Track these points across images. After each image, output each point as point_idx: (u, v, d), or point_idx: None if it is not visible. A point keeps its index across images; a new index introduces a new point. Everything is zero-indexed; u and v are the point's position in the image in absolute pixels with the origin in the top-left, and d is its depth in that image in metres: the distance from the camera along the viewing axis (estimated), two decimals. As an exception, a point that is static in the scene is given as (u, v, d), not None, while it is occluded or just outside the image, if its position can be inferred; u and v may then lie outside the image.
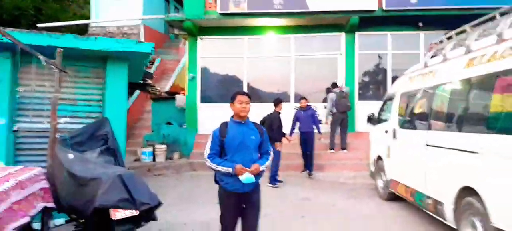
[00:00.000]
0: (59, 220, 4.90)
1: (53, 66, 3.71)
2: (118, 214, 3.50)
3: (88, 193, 3.65)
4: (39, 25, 14.00)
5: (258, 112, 7.67)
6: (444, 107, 4.81)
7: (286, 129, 8.28)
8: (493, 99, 3.78)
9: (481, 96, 4.05)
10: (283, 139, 8.16)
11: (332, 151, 9.69)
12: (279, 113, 8.03)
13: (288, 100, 10.88)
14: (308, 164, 8.80)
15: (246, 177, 3.26)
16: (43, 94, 5.56)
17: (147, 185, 4.01)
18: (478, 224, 3.86)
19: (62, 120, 3.87)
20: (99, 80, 6.30)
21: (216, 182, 3.54)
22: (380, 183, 7.02)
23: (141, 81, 9.48)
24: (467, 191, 4.05)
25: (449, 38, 5.33)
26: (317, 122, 8.78)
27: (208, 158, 3.41)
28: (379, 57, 11.01)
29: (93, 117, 6.05)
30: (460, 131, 4.30)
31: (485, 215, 3.71)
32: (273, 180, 7.89)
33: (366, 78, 11.27)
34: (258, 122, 3.70)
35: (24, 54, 4.71)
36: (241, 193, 3.36)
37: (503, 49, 3.77)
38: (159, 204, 3.88)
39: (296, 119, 8.69)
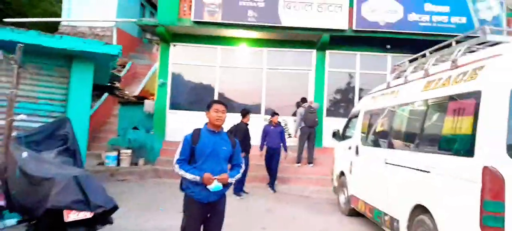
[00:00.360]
0: (11, 221, 4.71)
1: (12, 62, 3.61)
2: (71, 216, 3.42)
3: (41, 193, 3.54)
4: (5, 20, 13.53)
5: (228, 121, 7.55)
6: (402, 127, 5.01)
7: (253, 141, 8.30)
8: (445, 122, 3.98)
9: (435, 118, 4.24)
10: (254, 151, 8.12)
11: (298, 164, 9.81)
12: (247, 124, 8.04)
13: (258, 112, 10.99)
14: (272, 179, 8.74)
15: (215, 185, 3.23)
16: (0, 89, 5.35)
17: (104, 188, 3.94)
18: (429, 241, 4.01)
19: (19, 117, 3.74)
20: (63, 80, 6.17)
21: (182, 189, 3.46)
22: (342, 198, 7.16)
23: (109, 84, 9.31)
24: (420, 208, 4.21)
25: (411, 61, 5.58)
26: (284, 140, 8.69)
27: (176, 163, 3.34)
28: (349, 75, 11.32)
29: (55, 116, 5.92)
30: (415, 150, 4.48)
31: (435, 232, 3.86)
32: (239, 190, 7.89)
33: (335, 95, 11.54)
34: (225, 131, 3.68)
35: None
36: (206, 203, 3.33)
37: (456, 74, 3.99)
38: (115, 207, 3.81)
39: (265, 133, 8.54)
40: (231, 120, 7.31)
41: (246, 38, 11.06)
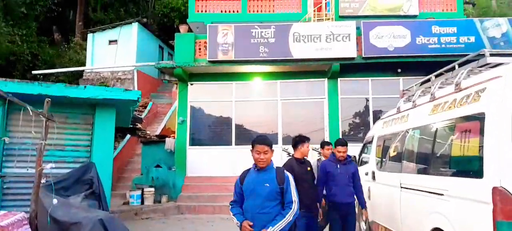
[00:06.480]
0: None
1: (41, 115, 3.94)
2: (98, 258, 3.61)
3: (69, 237, 3.78)
4: (34, 72, 14.39)
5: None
6: (414, 151, 5.06)
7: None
8: (454, 144, 4.04)
9: (444, 141, 4.30)
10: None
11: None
12: (300, 160, 4.89)
13: (275, 142, 11.13)
14: None
15: None
16: (31, 140, 5.68)
17: (128, 229, 4.15)
18: (447, 264, 4.00)
19: (48, 166, 4.03)
20: (87, 126, 6.54)
21: None
22: (363, 225, 7.13)
23: (131, 126, 9.69)
24: (437, 231, 4.22)
25: (423, 82, 5.65)
26: (360, 188, 5.31)
27: (230, 204, 3.50)
28: (365, 100, 11.43)
29: (81, 162, 6.22)
30: (427, 173, 4.53)
31: (452, 254, 3.86)
32: None
33: (350, 121, 11.63)
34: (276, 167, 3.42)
35: (13, 102, 4.93)
36: None
37: (461, 97, 4.08)
38: (138, 247, 4.02)
39: (326, 176, 5.14)
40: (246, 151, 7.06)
41: (259, 72, 11.42)
